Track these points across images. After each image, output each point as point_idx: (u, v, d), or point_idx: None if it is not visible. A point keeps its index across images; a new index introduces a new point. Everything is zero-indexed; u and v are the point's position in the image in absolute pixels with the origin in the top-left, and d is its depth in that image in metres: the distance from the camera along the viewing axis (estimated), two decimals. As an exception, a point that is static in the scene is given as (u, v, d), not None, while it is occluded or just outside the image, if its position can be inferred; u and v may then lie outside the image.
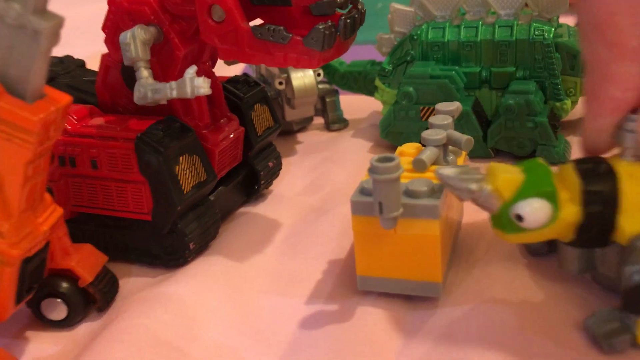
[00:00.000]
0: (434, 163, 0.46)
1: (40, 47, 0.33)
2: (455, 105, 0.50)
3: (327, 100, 0.73)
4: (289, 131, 0.74)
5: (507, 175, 0.39)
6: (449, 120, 0.47)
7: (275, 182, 0.62)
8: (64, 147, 0.50)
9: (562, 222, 0.39)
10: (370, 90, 0.70)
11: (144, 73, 0.47)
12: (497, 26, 0.62)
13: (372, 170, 0.39)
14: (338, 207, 0.56)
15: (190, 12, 0.47)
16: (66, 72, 0.58)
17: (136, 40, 0.46)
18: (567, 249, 0.42)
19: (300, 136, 0.74)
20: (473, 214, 0.53)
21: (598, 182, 0.39)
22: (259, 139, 0.58)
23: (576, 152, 0.62)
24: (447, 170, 0.40)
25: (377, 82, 0.68)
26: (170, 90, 0.46)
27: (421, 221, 0.41)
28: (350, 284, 0.47)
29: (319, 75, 0.69)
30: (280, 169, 0.62)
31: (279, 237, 0.54)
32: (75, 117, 0.50)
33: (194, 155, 0.50)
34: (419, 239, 0.42)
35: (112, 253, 0.51)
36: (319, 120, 0.76)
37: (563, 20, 0.65)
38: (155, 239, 0.50)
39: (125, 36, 0.46)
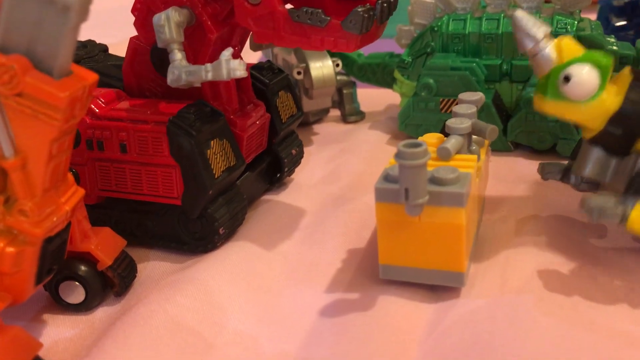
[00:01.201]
0: (458, 152, 0.45)
1: (69, 22, 0.33)
2: (478, 95, 0.49)
3: (344, 92, 0.73)
4: (306, 122, 0.73)
5: (572, 41, 0.42)
6: (473, 109, 0.47)
7: (295, 171, 0.62)
8: (92, 130, 0.49)
9: (600, 103, 0.41)
10: (388, 83, 0.70)
11: (178, 55, 0.46)
12: (519, 19, 0.61)
13: (399, 155, 0.38)
14: (357, 197, 0.56)
15: None
16: (90, 57, 0.57)
17: (170, 22, 0.46)
18: (587, 149, 0.43)
19: (317, 127, 0.73)
20: (494, 204, 0.53)
21: None
22: (284, 126, 0.58)
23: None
24: (522, 13, 0.42)
25: (396, 74, 0.68)
26: (206, 72, 0.45)
27: (446, 209, 0.40)
28: (371, 273, 0.46)
29: (337, 65, 0.69)
30: (302, 156, 0.62)
31: (298, 226, 0.53)
32: (103, 101, 0.50)
33: (224, 140, 0.49)
34: (444, 227, 0.41)
35: (139, 239, 0.51)
36: (335, 112, 0.76)
37: (585, 15, 0.65)
38: (183, 224, 0.50)
39: (160, 18, 0.46)
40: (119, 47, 0.65)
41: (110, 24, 1.12)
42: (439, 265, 0.42)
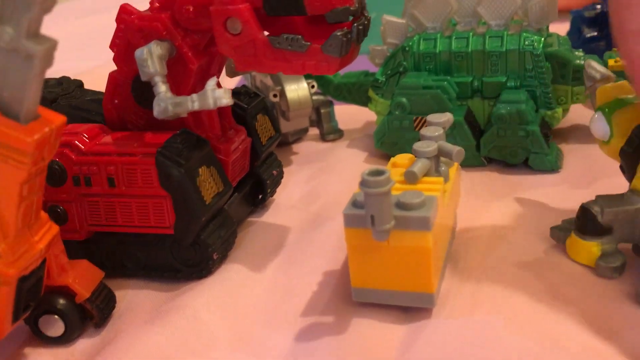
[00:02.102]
0: (425, 174, 0.46)
1: (33, 70, 0.34)
2: (446, 117, 0.50)
3: (322, 111, 0.74)
4: (285, 142, 0.74)
5: (609, 88, 0.47)
6: (440, 131, 0.48)
7: (276, 191, 0.63)
8: (79, 166, 0.49)
9: (612, 146, 0.47)
10: (364, 101, 0.71)
11: (163, 87, 0.48)
12: (487, 37, 0.63)
13: (363, 183, 0.39)
14: (334, 217, 0.57)
15: (203, 25, 0.48)
16: (66, 94, 0.58)
17: (153, 55, 0.47)
18: None
19: (296, 147, 0.74)
20: (468, 222, 0.54)
21: None
22: (264, 148, 0.59)
23: (568, 160, 0.63)
24: (593, 61, 0.50)
25: (371, 93, 0.69)
26: (192, 102, 0.47)
27: (413, 233, 0.41)
28: (345, 295, 0.47)
29: (312, 87, 0.70)
30: (282, 177, 0.63)
31: (276, 249, 0.54)
32: (87, 136, 0.50)
33: (211, 167, 0.50)
34: (412, 251, 0.42)
35: (131, 271, 0.52)
36: (314, 131, 0.77)
37: (553, 29, 0.66)
38: (176, 253, 0.51)
39: (142, 52, 0.47)
40: (94, 73, 0.66)
41: (82, 48, 1.13)
42: (409, 287, 0.43)
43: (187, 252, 0.50)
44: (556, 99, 0.63)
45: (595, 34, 0.81)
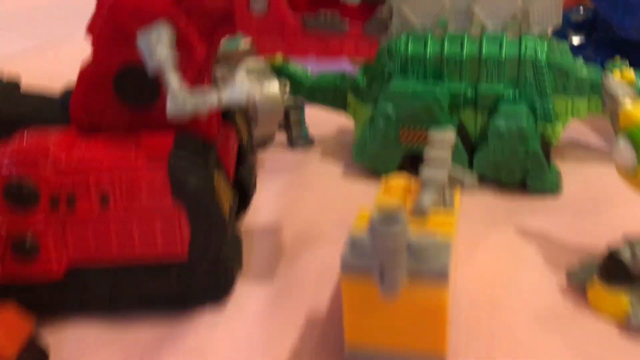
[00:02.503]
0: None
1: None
2: (450, 133, 0.43)
3: (292, 115, 0.65)
4: (248, 149, 0.65)
5: (635, 110, 0.41)
6: (448, 153, 0.41)
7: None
8: (58, 185, 0.39)
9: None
10: (341, 105, 0.63)
11: (176, 80, 0.39)
12: (484, 40, 0.56)
13: (374, 233, 0.31)
14: (311, 250, 0.49)
15: (214, 4, 0.40)
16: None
17: (163, 40, 0.38)
18: None
19: (262, 155, 0.66)
20: (466, 257, 0.47)
21: None
22: (249, 149, 0.51)
23: (566, 182, 0.57)
24: (613, 77, 0.44)
25: (350, 98, 0.61)
26: (218, 97, 0.39)
27: (427, 287, 0.34)
28: (334, 347, 0.39)
29: (285, 86, 0.61)
30: (256, 181, 0.55)
31: (249, 293, 0.46)
32: (60, 147, 0.40)
33: (221, 171, 0.43)
34: (424, 308, 0.35)
35: (125, 305, 0.43)
36: (280, 137, 0.68)
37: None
38: (186, 277, 0.42)
39: (149, 38, 0.38)
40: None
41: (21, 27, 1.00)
42: (417, 348, 0.36)
43: (199, 274, 0.42)
44: (556, 112, 0.57)
45: (583, 42, 0.75)
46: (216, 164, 0.43)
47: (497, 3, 0.56)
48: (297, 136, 0.66)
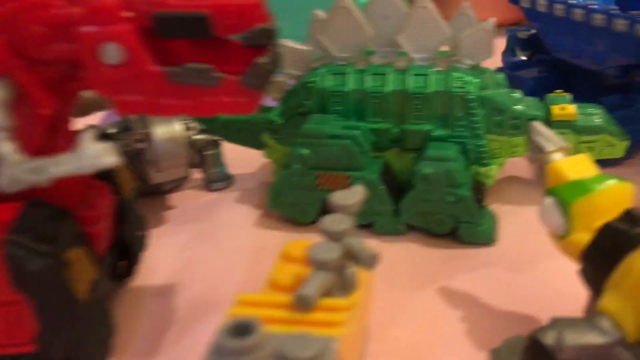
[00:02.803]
0: (326, 292, 0.33)
1: None
2: (356, 197, 0.37)
3: (206, 153, 0.59)
4: (158, 191, 0.59)
5: (565, 164, 0.37)
6: (346, 225, 0.35)
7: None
8: None
9: (570, 243, 0.36)
10: (258, 145, 0.57)
11: (9, 148, 0.33)
12: (409, 74, 0.50)
13: (218, 352, 0.25)
14: (206, 319, 0.43)
15: (60, 54, 0.34)
16: None
17: None
18: None
19: (173, 198, 0.59)
20: (382, 325, 0.41)
21: (619, 229, 0.34)
22: (130, 205, 0.45)
23: (504, 226, 0.52)
24: (540, 125, 0.40)
25: (265, 137, 0.55)
26: (58, 166, 0.33)
27: (303, 402, 0.28)
28: None
29: (189, 128, 0.55)
30: (146, 238, 0.49)
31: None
32: None
33: (81, 247, 0.37)
34: None
35: None
36: (198, 175, 0.62)
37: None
38: None
39: None
40: None
41: None
42: None
43: None
44: (491, 153, 0.52)
45: (525, 58, 0.70)
46: (76, 238, 0.36)
47: (424, 34, 0.50)
48: (214, 176, 0.60)
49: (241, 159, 0.62)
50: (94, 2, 0.32)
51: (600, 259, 0.34)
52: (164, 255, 0.51)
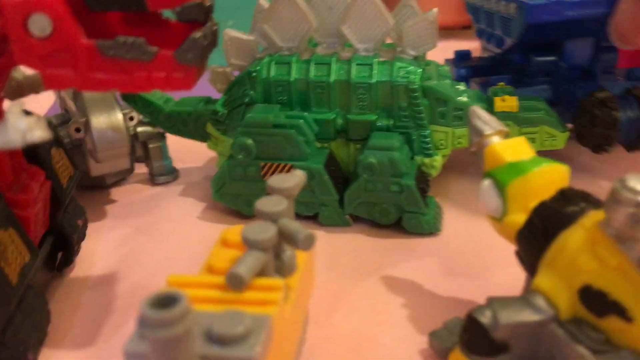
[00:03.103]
0: (261, 273, 0.32)
1: None
2: (294, 179, 0.37)
3: (151, 146, 0.58)
4: (101, 185, 0.57)
5: (502, 147, 0.37)
6: (282, 206, 0.34)
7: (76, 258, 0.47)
8: None
9: (506, 225, 0.36)
10: (203, 136, 0.56)
11: None
12: (353, 64, 0.50)
13: (142, 322, 0.24)
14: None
15: None
16: None
17: None
18: None
19: (116, 192, 0.58)
20: (323, 314, 0.40)
21: (552, 208, 0.34)
22: (66, 193, 0.44)
23: (449, 218, 0.52)
24: (479, 109, 0.40)
25: (210, 129, 0.54)
26: None
27: (232, 380, 0.27)
28: None
29: (131, 119, 0.54)
30: (87, 227, 0.48)
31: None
32: None
33: (10, 229, 0.35)
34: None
35: None
36: (143, 169, 0.61)
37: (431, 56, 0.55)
38: None
39: None
40: None
41: None
42: None
43: None
44: (435, 143, 0.52)
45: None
46: (4, 219, 0.35)
47: (368, 24, 0.50)
48: (158, 170, 0.59)
49: (187, 152, 0.61)
50: None
51: (534, 238, 0.34)
52: (104, 248, 0.49)
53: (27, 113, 0.38)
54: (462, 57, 0.67)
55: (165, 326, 0.24)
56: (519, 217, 0.36)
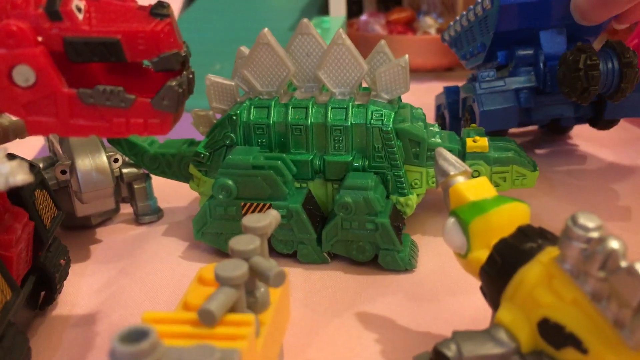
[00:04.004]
0: (233, 309, 0.34)
1: None
2: (267, 219, 0.38)
3: (136, 187, 0.59)
4: (86, 225, 0.59)
5: (465, 186, 0.39)
6: (254, 244, 0.36)
7: (53, 303, 0.48)
8: None
9: (470, 262, 0.38)
10: (186, 177, 0.58)
11: None
12: (330, 107, 0.52)
13: (113, 356, 0.26)
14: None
15: None
16: None
17: None
18: None
19: (101, 232, 0.59)
20: (296, 349, 0.42)
21: (512, 244, 0.35)
22: (49, 233, 0.46)
23: (424, 255, 0.53)
24: (444, 151, 0.42)
25: (192, 170, 0.56)
26: None
27: (201, 412, 0.28)
28: None
29: (116, 160, 0.56)
30: (69, 266, 0.49)
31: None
32: None
33: None
34: None
35: None
36: (129, 209, 0.62)
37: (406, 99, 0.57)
38: None
39: None
40: None
41: None
42: None
43: None
44: (409, 183, 0.54)
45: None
46: None
47: (343, 70, 0.52)
48: (143, 210, 0.60)
49: (172, 191, 0.63)
50: (5, 26, 0.33)
51: (495, 274, 0.36)
52: (87, 288, 0.50)
53: (12, 157, 0.39)
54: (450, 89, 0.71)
55: (134, 359, 0.25)
56: (481, 254, 0.38)
